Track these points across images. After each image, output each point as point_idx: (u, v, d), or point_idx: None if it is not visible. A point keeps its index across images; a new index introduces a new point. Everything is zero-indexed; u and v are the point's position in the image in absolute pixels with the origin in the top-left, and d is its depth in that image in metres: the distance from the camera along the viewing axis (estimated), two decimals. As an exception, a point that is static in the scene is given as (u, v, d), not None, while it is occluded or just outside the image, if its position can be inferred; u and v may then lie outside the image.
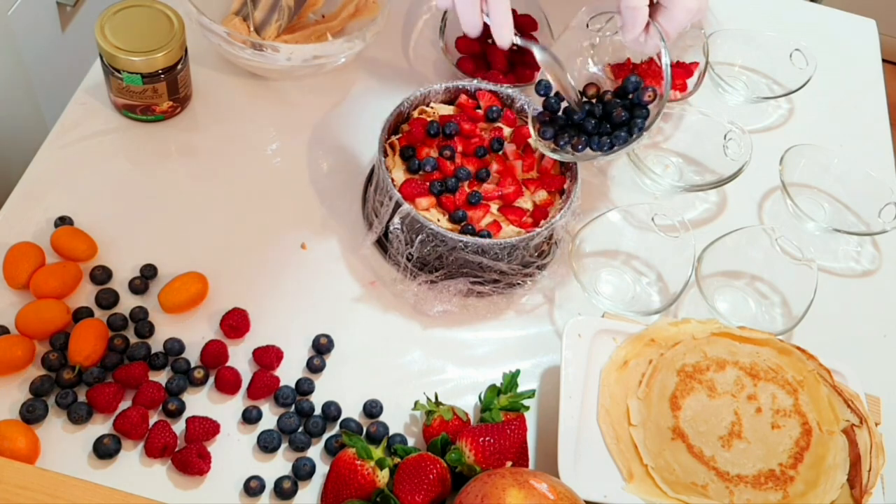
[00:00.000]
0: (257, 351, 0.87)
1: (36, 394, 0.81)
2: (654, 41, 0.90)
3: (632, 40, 0.90)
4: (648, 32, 0.89)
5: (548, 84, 0.93)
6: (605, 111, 0.91)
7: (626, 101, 0.91)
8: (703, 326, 0.89)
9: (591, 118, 0.91)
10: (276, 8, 1.06)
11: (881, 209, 1.06)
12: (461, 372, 0.91)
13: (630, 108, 0.91)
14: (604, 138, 0.90)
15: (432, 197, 0.91)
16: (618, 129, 0.90)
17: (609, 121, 0.91)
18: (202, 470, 0.79)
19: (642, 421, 0.83)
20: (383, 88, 1.10)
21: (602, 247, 1.00)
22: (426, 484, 0.76)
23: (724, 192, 1.10)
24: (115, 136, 0.99)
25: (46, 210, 0.92)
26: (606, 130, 0.91)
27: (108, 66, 0.94)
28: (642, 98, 0.90)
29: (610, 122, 0.91)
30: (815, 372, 0.87)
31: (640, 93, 0.90)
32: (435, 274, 0.92)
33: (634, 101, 0.90)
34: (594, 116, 0.91)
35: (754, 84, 1.21)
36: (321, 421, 0.84)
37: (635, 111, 0.90)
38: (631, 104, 0.91)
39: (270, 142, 1.03)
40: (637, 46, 0.91)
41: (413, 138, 0.94)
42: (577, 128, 0.92)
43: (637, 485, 0.80)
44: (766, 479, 0.81)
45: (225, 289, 0.90)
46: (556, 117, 0.94)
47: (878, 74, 1.29)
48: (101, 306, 0.87)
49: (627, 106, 0.91)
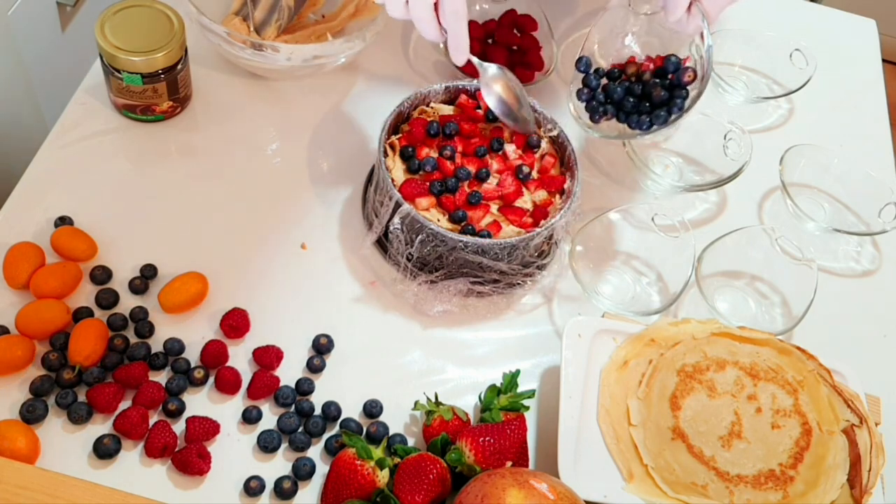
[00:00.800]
0: (257, 351, 0.87)
1: (36, 394, 0.81)
2: (696, 22, 0.90)
3: (674, 21, 0.90)
4: (691, 13, 0.89)
5: (588, 60, 0.94)
6: (644, 90, 0.92)
7: (666, 81, 0.92)
8: (703, 326, 0.89)
9: (631, 96, 0.92)
10: (276, 8, 1.06)
11: (881, 209, 1.06)
12: (461, 372, 0.91)
13: (670, 87, 0.91)
14: (643, 117, 0.91)
15: (432, 197, 0.91)
16: (657, 108, 0.91)
17: (649, 100, 0.92)
18: (202, 470, 0.79)
19: (642, 421, 0.83)
20: (383, 88, 1.10)
21: (602, 247, 1.00)
22: (426, 484, 0.76)
23: (724, 192, 1.10)
24: (115, 136, 0.99)
25: (46, 210, 0.92)
26: (646, 109, 0.92)
27: (108, 66, 0.94)
28: (682, 78, 0.90)
29: (650, 102, 0.92)
30: (815, 372, 0.87)
31: (681, 73, 0.91)
32: (435, 274, 0.92)
33: (675, 83, 0.91)
34: (633, 95, 0.92)
35: (754, 84, 1.21)
36: (321, 421, 0.84)
37: (675, 91, 0.91)
38: (671, 84, 0.91)
39: (270, 142, 1.03)
40: (679, 27, 0.91)
41: (413, 138, 0.94)
42: (617, 106, 0.93)
43: (637, 485, 0.80)
44: (766, 479, 0.81)
45: (225, 289, 0.90)
46: (596, 94, 0.95)
47: (878, 74, 1.29)
48: (101, 306, 0.87)
49: (667, 86, 0.92)
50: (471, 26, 1.11)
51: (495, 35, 1.13)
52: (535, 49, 1.13)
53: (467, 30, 0.86)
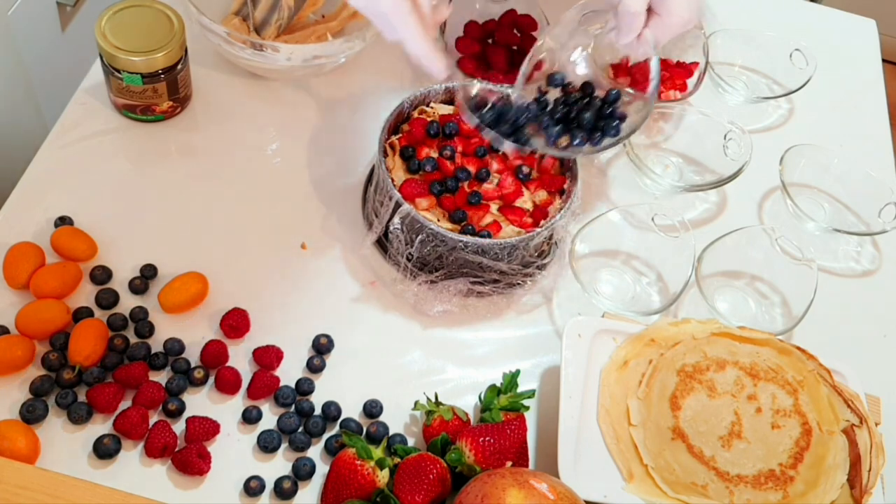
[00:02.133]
0: (257, 351, 0.87)
1: (36, 394, 0.81)
2: (645, 48, 0.89)
3: (624, 45, 0.90)
4: (641, 38, 0.89)
5: (563, 77, 0.91)
6: (567, 113, 0.89)
7: (597, 105, 0.89)
8: (703, 326, 0.89)
9: (546, 116, 0.88)
10: (276, 8, 1.06)
11: (881, 209, 1.06)
12: (461, 372, 0.91)
13: (598, 113, 0.89)
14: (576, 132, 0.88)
15: (432, 197, 0.91)
16: (579, 130, 0.88)
17: (575, 121, 0.89)
18: (202, 470, 0.79)
19: (642, 421, 0.83)
20: (383, 88, 1.10)
21: (602, 247, 1.00)
22: (426, 484, 0.76)
23: (724, 192, 1.10)
24: (115, 136, 0.99)
25: (46, 210, 0.92)
26: (570, 128, 0.88)
27: (108, 66, 0.94)
28: (616, 110, 0.89)
29: (576, 122, 0.89)
30: (815, 372, 0.87)
31: (617, 105, 0.88)
32: (435, 274, 0.92)
33: (606, 111, 0.89)
34: (550, 114, 0.88)
35: (754, 84, 1.21)
36: (321, 421, 0.84)
37: (603, 119, 0.88)
38: (600, 110, 0.89)
39: (270, 142, 1.03)
40: (629, 50, 0.91)
41: (413, 138, 0.94)
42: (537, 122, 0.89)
43: (637, 485, 0.80)
44: (766, 479, 0.81)
45: (225, 289, 0.90)
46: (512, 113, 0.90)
47: (878, 74, 1.29)
48: (101, 306, 0.87)
49: (597, 110, 0.89)
50: (471, 26, 1.12)
51: (495, 35, 1.13)
52: (535, 49, 1.13)
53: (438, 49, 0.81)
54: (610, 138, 0.89)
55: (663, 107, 1.10)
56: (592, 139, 0.89)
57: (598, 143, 0.90)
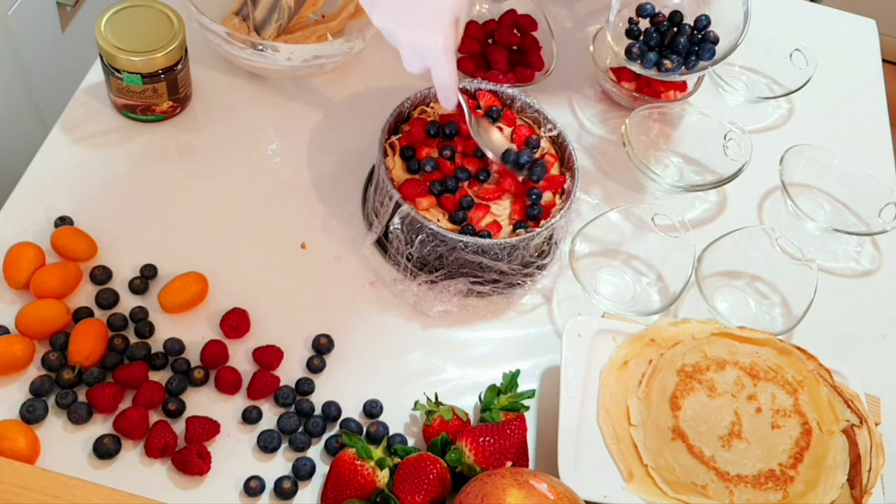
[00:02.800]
0: (257, 351, 0.87)
1: (36, 394, 0.81)
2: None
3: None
4: None
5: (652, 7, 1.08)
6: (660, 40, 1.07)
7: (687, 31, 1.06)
8: (703, 326, 0.89)
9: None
10: (276, 8, 1.06)
11: (881, 209, 1.06)
12: (461, 372, 0.91)
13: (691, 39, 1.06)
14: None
15: (432, 197, 0.91)
16: (674, 55, 1.07)
17: (669, 47, 1.07)
18: (202, 470, 0.79)
19: (642, 421, 0.83)
20: (383, 88, 1.10)
21: (602, 247, 1.00)
22: (426, 484, 0.76)
23: (724, 192, 1.10)
24: (115, 136, 0.99)
25: (46, 210, 0.92)
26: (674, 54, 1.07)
27: (108, 66, 0.94)
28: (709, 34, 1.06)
29: (670, 48, 1.07)
30: (815, 372, 0.87)
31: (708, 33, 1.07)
32: (435, 274, 0.92)
33: (697, 37, 1.06)
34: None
35: (754, 84, 1.21)
36: (321, 421, 0.84)
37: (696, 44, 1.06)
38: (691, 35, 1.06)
39: (270, 142, 1.03)
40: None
41: (413, 138, 0.94)
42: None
43: (637, 485, 0.80)
44: (766, 479, 0.81)
45: (225, 289, 0.90)
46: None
47: (878, 74, 1.29)
48: (101, 306, 0.87)
49: (688, 35, 1.05)
50: (471, 26, 1.12)
51: (495, 35, 1.14)
52: (535, 49, 1.13)
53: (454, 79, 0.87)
54: (705, 61, 1.05)
55: (663, 107, 1.11)
56: (688, 63, 1.06)
57: (693, 67, 1.06)
